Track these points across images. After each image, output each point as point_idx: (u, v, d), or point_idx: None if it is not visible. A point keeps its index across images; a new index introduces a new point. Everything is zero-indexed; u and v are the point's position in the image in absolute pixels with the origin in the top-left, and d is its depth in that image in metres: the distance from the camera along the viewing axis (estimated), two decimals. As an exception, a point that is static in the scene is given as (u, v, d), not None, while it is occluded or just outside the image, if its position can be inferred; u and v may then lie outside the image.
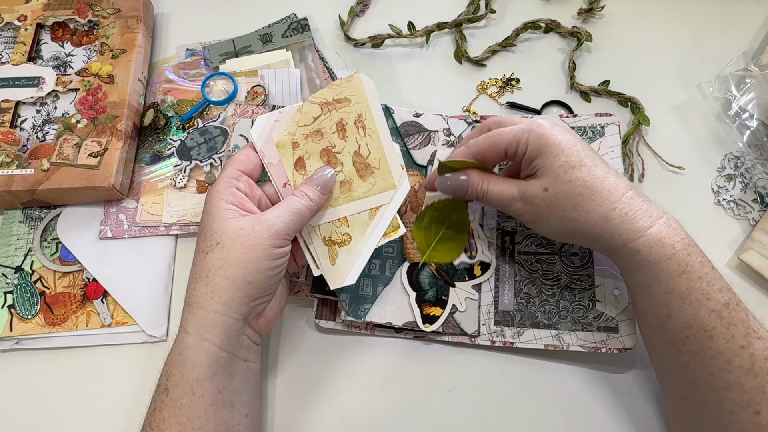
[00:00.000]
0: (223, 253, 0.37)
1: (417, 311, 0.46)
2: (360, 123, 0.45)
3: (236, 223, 0.38)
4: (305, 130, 0.45)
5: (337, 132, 0.45)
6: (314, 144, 0.45)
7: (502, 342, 0.46)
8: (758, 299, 0.48)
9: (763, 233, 0.49)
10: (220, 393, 0.37)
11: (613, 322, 0.45)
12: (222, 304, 0.37)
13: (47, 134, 0.53)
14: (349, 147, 0.45)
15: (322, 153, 0.44)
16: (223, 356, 0.37)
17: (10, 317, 0.48)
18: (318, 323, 0.47)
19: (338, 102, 0.45)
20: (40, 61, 0.57)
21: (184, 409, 0.36)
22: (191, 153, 0.53)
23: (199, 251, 0.39)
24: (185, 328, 0.37)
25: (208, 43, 0.60)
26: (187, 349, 0.37)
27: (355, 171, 0.44)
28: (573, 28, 0.59)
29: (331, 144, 0.45)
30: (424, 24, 0.60)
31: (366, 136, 0.45)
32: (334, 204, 0.44)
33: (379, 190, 0.44)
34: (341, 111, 0.45)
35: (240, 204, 0.40)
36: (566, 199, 0.39)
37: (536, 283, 0.47)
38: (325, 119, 0.45)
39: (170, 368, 0.37)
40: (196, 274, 0.38)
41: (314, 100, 0.45)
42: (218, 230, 0.38)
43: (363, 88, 0.45)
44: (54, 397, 0.47)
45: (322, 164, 0.44)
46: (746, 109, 0.53)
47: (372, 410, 0.45)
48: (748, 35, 0.59)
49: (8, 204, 0.52)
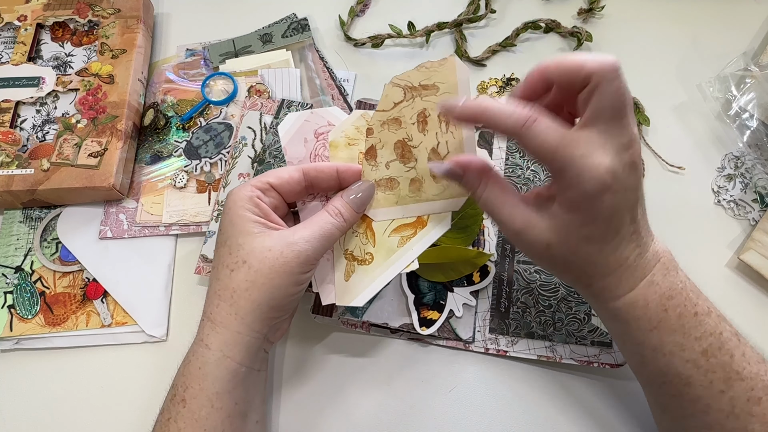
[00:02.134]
0: (249, 275, 0.36)
1: (414, 314, 0.46)
2: (444, 116, 0.39)
3: (263, 242, 0.36)
4: (383, 116, 0.40)
5: (417, 123, 0.39)
6: (390, 133, 0.40)
7: (495, 350, 0.46)
8: (758, 299, 0.48)
9: (763, 233, 0.49)
10: (237, 405, 0.37)
11: (608, 337, 0.45)
12: (246, 326, 0.37)
13: (47, 134, 0.53)
14: (427, 142, 0.39)
15: (396, 144, 0.40)
16: (242, 371, 0.37)
17: (10, 317, 0.48)
18: (314, 319, 0.47)
19: (424, 88, 0.39)
20: (40, 61, 0.57)
21: (202, 421, 0.36)
22: (199, 151, 0.54)
23: (223, 266, 0.37)
24: (207, 344, 0.37)
25: (208, 43, 0.60)
26: (208, 364, 0.36)
27: (428, 170, 0.39)
28: (573, 28, 0.59)
29: (408, 136, 0.40)
30: (424, 24, 0.60)
31: (447, 132, 0.38)
32: (401, 202, 0.40)
33: (450, 195, 0.39)
34: (426, 99, 0.39)
35: (266, 215, 0.38)
36: (563, 262, 0.35)
37: (533, 294, 0.47)
38: (407, 107, 0.40)
39: (188, 380, 0.37)
40: (220, 291, 0.37)
41: (398, 83, 0.40)
42: (245, 246, 0.36)
43: (456, 75, 0.38)
44: (54, 398, 0.47)
45: (395, 157, 0.40)
46: (746, 109, 0.53)
47: (372, 409, 0.45)
48: (748, 35, 0.59)
49: (8, 204, 0.52)
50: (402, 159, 0.40)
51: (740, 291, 0.49)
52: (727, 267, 0.49)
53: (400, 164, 0.40)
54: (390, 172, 0.41)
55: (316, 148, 0.42)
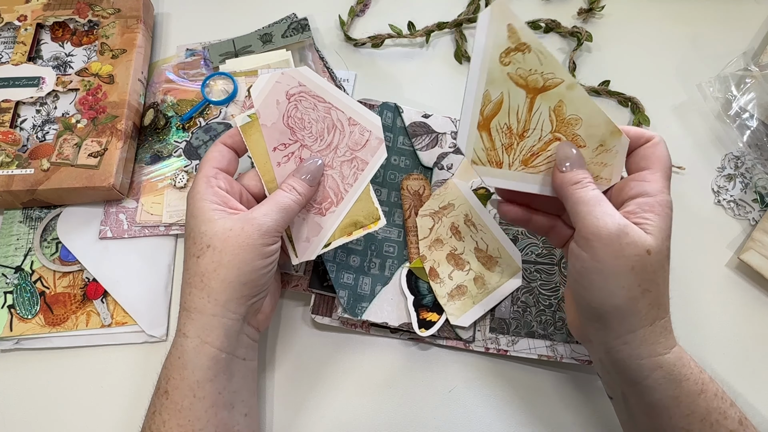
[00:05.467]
0: (215, 256, 0.37)
1: (414, 315, 0.46)
2: (470, 222, 0.48)
3: (224, 223, 0.37)
4: (426, 242, 0.48)
5: (454, 236, 0.48)
6: (439, 252, 0.48)
7: (496, 349, 0.46)
8: (758, 299, 0.48)
9: (763, 233, 0.49)
10: (220, 394, 0.37)
11: None
12: (220, 307, 0.37)
13: (47, 134, 0.53)
14: (468, 245, 0.48)
15: (448, 258, 0.48)
16: (223, 357, 0.37)
17: (10, 317, 0.48)
18: (314, 318, 0.47)
19: (444, 209, 0.49)
20: (40, 61, 0.57)
21: (185, 411, 0.36)
22: (199, 152, 0.53)
23: (190, 255, 0.38)
24: (184, 332, 0.37)
25: (208, 43, 0.60)
26: (186, 353, 0.37)
27: (482, 265, 0.47)
28: (573, 28, 0.59)
29: (452, 248, 0.48)
30: (424, 24, 0.60)
31: (479, 231, 0.48)
32: (476, 301, 0.46)
33: (509, 276, 0.47)
34: (450, 216, 0.48)
35: (224, 202, 0.39)
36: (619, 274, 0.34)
37: (534, 293, 0.47)
38: (439, 227, 0.48)
39: (169, 371, 0.37)
40: (190, 279, 0.38)
41: (424, 213, 0.49)
42: (207, 232, 0.37)
43: (460, 190, 0.49)
44: (54, 397, 0.47)
45: (453, 268, 0.47)
46: (746, 109, 0.53)
47: (371, 409, 0.45)
48: (748, 35, 0.59)
49: (8, 204, 0.52)
50: (458, 267, 0.47)
51: (740, 291, 0.49)
52: (727, 267, 0.50)
53: (459, 271, 0.47)
54: (455, 281, 0.47)
55: (288, 109, 0.43)
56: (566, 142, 0.38)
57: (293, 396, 0.46)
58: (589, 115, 0.38)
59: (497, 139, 0.39)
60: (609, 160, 0.38)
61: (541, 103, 0.38)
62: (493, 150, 0.39)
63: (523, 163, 0.39)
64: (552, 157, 0.39)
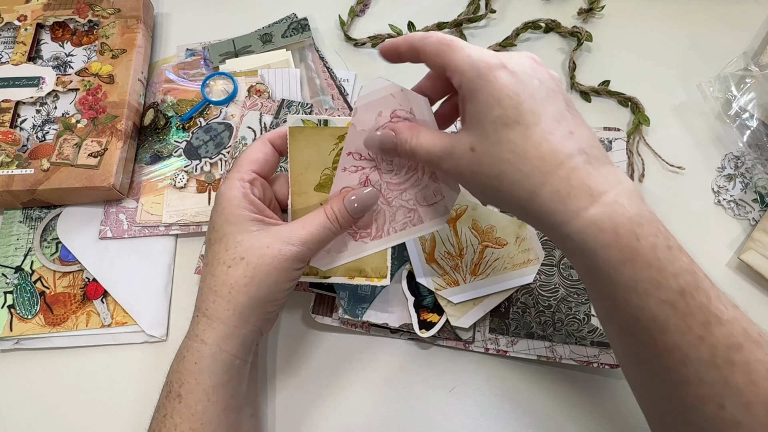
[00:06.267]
0: (248, 271, 0.36)
1: (414, 316, 0.46)
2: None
3: (262, 239, 0.37)
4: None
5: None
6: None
7: (495, 350, 0.46)
8: (758, 299, 0.48)
9: (763, 233, 0.49)
10: (232, 398, 0.37)
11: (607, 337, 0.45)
12: (242, 320, 0.37)
13: (47, 134, 0.53)
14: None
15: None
16: (237, 363, 0.37)
17: (10, 317, 0.48)
18: (314, 318, 0.47)
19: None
20: (40, 61, 0.57)
21: (198, 415, 0.36)
22: (199, 151, 0.54)
23: (219, 262, 0.37)
24: (202, 339, 0.37)
25: (208, 43, 0.60)
26: (204, 359, 0.36)
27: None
28: (573, 28, 0.59)
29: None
30: (424, 24, 0.60)
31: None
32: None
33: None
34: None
35: (260, 211, 0.39)
36: (491, 164, 0.32)
37: (533, 294, 0.47)
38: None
39: (184, 376, 0.37)
40: (217, 287, 0.37)
41: None
42: (243, 243, 0.37)
43: (463, 195, 0.48)
44: (54, 397, 0.47)
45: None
46: (746, 109, 0.53)
47: (371, 410, 0.45)
48: (748, 35, 0.59)
49: (8, 204, 0.52)
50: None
51: (740, 291, 0.49)
52: (727, 267, 0.49)
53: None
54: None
55: (384, 125, 0.39)
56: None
57: (293, 396, 0.46)
58: (497, 221, 0.47)
59: (444, 264, 0.47)
60: (529, 245, 0.47)
61: (462, 227, 0.47)
62: (446, 274, 0.46)
63: (472, 273, 0.46)
64: (491, 262, 0.47)
